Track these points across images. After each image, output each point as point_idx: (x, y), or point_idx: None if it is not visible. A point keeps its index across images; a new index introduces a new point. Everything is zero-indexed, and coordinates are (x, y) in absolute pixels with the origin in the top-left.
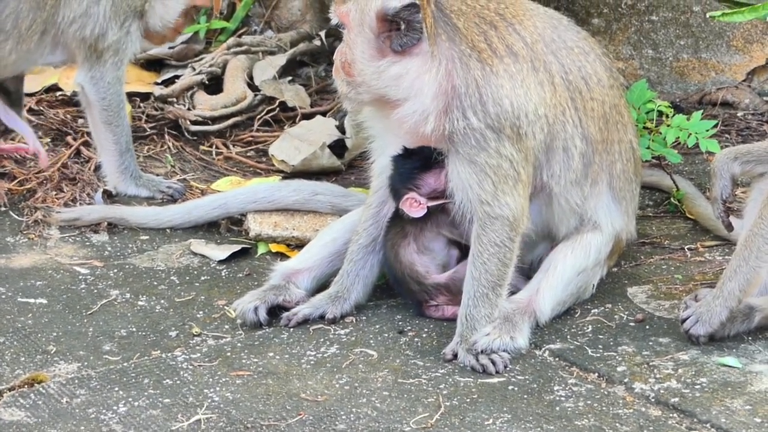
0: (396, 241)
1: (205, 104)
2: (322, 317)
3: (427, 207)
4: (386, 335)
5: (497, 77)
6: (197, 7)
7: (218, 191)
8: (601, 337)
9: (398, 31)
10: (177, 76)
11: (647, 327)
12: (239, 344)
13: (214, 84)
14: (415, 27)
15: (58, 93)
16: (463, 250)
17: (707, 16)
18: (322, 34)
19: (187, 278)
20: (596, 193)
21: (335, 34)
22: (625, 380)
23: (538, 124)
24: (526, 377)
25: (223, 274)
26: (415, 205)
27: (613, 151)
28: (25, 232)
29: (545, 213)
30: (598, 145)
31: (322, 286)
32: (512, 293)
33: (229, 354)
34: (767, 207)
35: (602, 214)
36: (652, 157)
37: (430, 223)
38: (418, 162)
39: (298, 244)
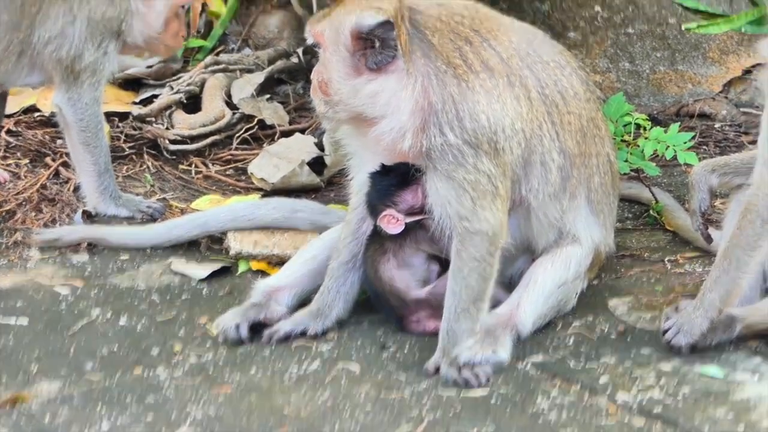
0: (376, 258)
1: (184, 123)
2: (303, 334)
3: (405, 223)
4: (368, 350)
5: (473, 93)
6: (182, 6)
7: (198, 210)
8: (582, 349)
9: (373, 48)
10: (155, 96)
11: (629, 338)
12: (221, 361)
13: (192, 103)
14: (389, 44)
15: (36, 114)
16: (443, 265)
17: (683, 28)
18: (300, 51)
19: (168, 297)
20: (574, 206)
21: (312, 52)
22: (608, 391)
23: (515, 139)
24: (509, 390)
25: (203, 292)
26: (392, 222)
27: (590, 164)
28: (4, 254)
29: (524, 227)
30: (575, 159)
31: (303, 303)
32: (493, 307)
33: (211, 371)
34: (745, 218)
35: (581, 228)
36: (630, 170)
37: (409, 238)
38: (395, 179)
39: (279, 262)
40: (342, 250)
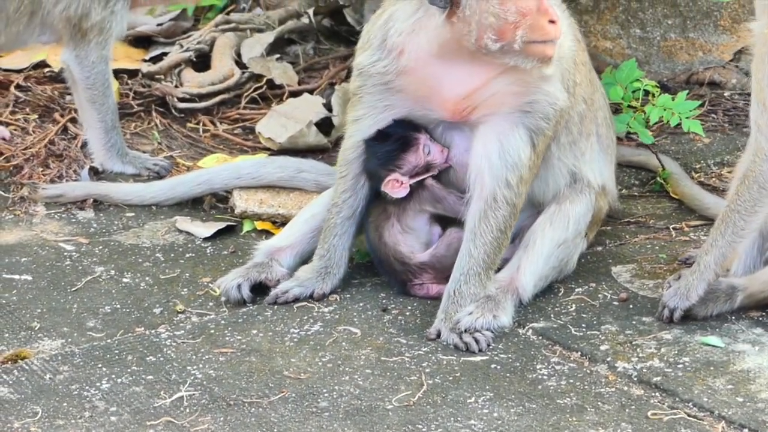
0: (379, 223)
1: (193, 81)
2: (311, 296)
3: (410, 186)
4: (370, 313)
5: None
6: None
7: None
8: (584, 316)
9: None
10: (165, 53)
11: (630, 306)
12: (223, 322)
13: (201, 61)
14: None
15: (46, 69)
16: (443, 226)
17: None
18: (311, 12)
19: (172, 255)
20: (589, 146)
21: (323, 12)
22: (608, 359)
23: (577, 92)
24: (509, 356)
25: (208, 251)
26: (397, 186)
27: (595, 101)
28: (10, 209)
29: (537, 179)
30: (588, 100)
31: (304, 261)
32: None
33: (212, 331)
34: (743, 184)
35: (593, 168)
36: (628, 134)
37: (412, 201)
38: (395, 143)
39: (283, 222)
40: (341, 205)
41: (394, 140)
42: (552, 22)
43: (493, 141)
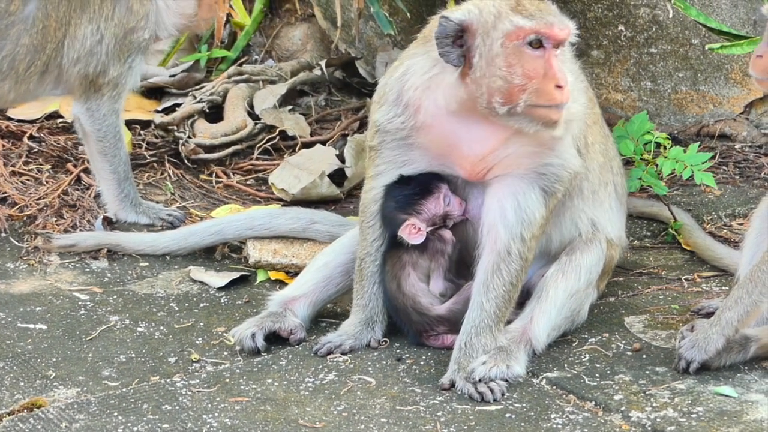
0: (396, 273)
1: (206, 132)
2: (368, 346)
3: (426, 234)
4: (384, 362)
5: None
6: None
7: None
8: (598, 365)
9: None
10: (178, 105)
11: (644, 356)
12: (238, 371)
13: (214, 112)
14: None
15: (59, 120)
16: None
17: (706, 48)
18: (323, 63)
19: (186, 305)
20: (607, 194)
21: (335, 64)
22: (622, 409)
23: (591, 151)
24: (524, 405)
25: (222, 301)
26: (414, 232)
27: (609, 149)
28: (25, 258)
29: (552, 230)
30: (605, 152)
31: (317, 311)
32: (507, 323)
33: (227, 380)
34: None
35: (611, 216)
36: (641, 188)
37: (427, 252)
38: (417, 188)
39: (297, 272)
40: (375, 254)
41: (416, 184)
42: (559, 87)
43: (509, 197)
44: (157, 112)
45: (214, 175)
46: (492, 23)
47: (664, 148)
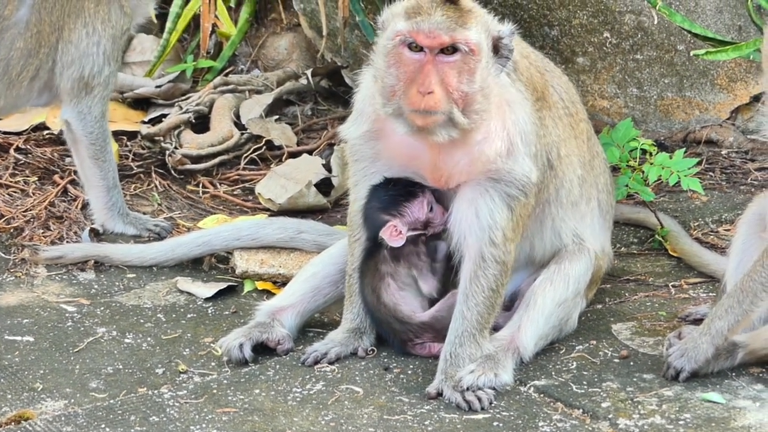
0: (375, 285)
1: (192, 143)
2: (354, 354)
3: (406, 237)
4: (372, 372)
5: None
6: None
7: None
8: (585, 373)
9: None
10: (164, 115)
11: (631, 363)
12: (225, 381)
13: (200, 123)
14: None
15: (46, 132)
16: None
17: (691, 54)
18: (309, 73)
19: (174, 316)
20: (590, 210)
21: (321, 74)
22: (610, 416)
23: (565, 163)
24: (511, 413)
25: (209, 311)
26: (395, 234)
27: (595, 165)
28: (11, 271)
29: (534, 239)
30: (587, 165)
31: (305, 321)
32: (494, 329)
33: (215, 391)
34: (767, 256)
35: (594, 231)
36: (628, 195)
37: (404, 260)
38: (402, 189)
39: (285, 282)
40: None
41: (401, 186)
42: (423, 93)
43: (471, 203)
44: (144, 123)
45: (200, 185)
46: (388, 22)
47: (650, 154)
